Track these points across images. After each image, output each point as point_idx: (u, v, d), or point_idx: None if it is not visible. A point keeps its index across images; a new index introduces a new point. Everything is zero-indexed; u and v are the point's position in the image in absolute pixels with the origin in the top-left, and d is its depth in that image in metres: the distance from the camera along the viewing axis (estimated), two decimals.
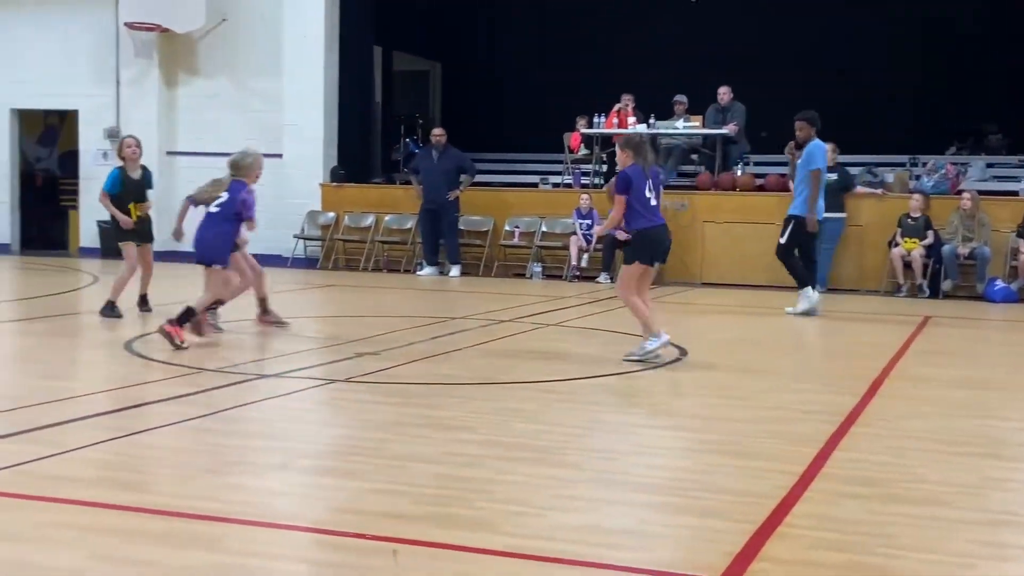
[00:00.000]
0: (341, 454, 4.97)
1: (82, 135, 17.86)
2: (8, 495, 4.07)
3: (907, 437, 5.59)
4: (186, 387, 6.39)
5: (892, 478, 4.72)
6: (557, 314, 10.90)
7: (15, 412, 5.59)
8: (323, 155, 16.62)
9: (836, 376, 7.72)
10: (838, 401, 6.38)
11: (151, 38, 16.95)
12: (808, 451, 5.09)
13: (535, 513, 4.06)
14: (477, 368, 7.58)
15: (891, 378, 7.37)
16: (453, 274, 15.10)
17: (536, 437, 5.34)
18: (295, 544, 3.78)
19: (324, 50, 16.47)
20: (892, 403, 6.53)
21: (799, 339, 10.32)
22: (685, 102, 15.63)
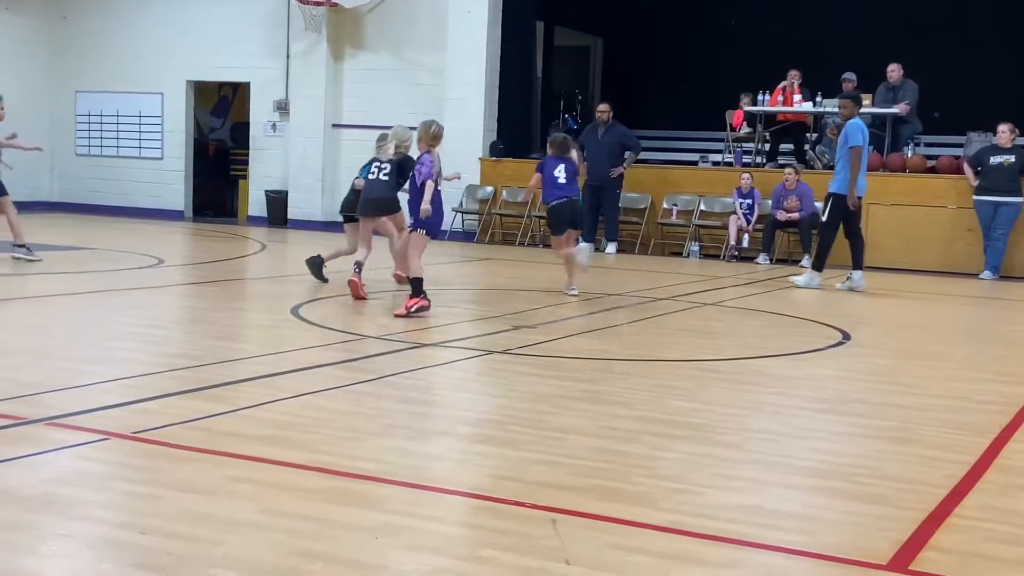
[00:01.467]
0: (501, 423, 5.03)
1: (253, 107, 18.48)
2: (188, 448, 4.26)
3: None
4: (349, 353, 6.57)
5: None
6: (714, 294, 10.76)
7: (192, 370, 5.85)
8: (483, 129, 16.77)
9: (1011, 366, 7.39)
10: (1013, 392, 6.11)
11: (320, 12, 17.38)
12: (981, 441, 4.90)
13: (695, 491, 4.02)
14: (633, 345, 7.55)
15: None
16: (609, 251, 15.04)
17: (694, 415, 5.29)
18: (455, 508, 3.84)
19: (487, 25, 16.57)
20: None
21: (971, 326, 9.93)
22: (854, 80, 15.12)
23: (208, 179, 19.67)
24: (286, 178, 18.26)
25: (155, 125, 19.23)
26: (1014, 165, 13.26)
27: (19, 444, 4.24)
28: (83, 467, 4.04)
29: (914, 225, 14.00)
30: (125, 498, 3.69)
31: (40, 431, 4.43)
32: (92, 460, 4.11)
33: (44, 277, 10.31)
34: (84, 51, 19.51)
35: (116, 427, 4.51)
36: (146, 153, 19.28)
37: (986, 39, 16.54)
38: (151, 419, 4.68)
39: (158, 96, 19.04)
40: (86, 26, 19.47)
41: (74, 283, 9.91)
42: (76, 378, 5.55)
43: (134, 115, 19.24)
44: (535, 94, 18.23)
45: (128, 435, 4.40)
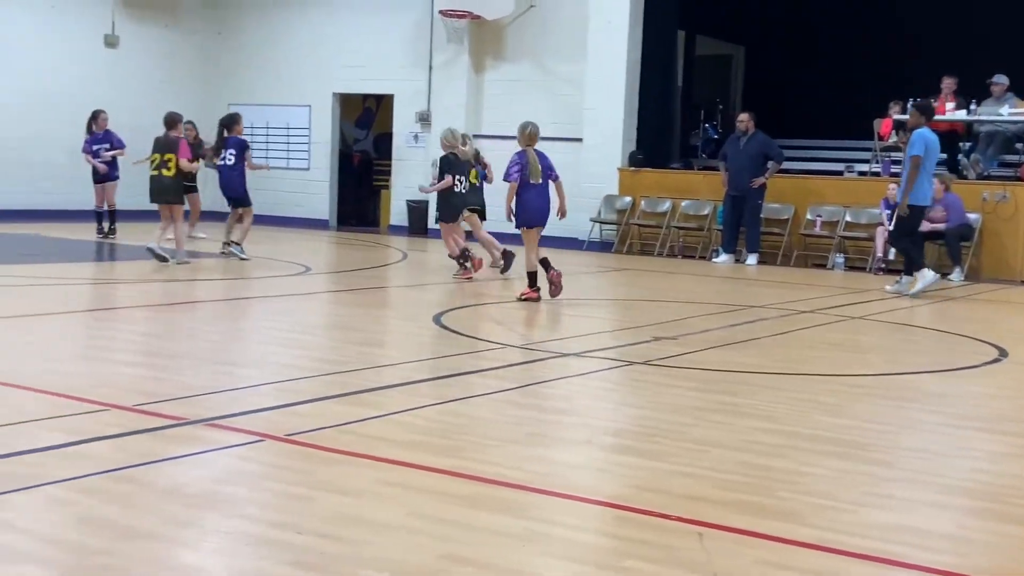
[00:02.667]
0: (642, 434, 5.02)
1: (396, 118, 18.87)
2: (338, 451, 4.38)
3: None
4: (492, 361, 6.65)
5: None
6: (861, 307, 10.50)
7: (340, 375, 6.01)
8: (622, 139, 16.75)
9: None
10: None
11: (462, 25, 17.65)
12: None
13: (845, 508, 3.94)
14: (777, 358, 7.43)
15: None
16: (750, 262, 14.82)
17: (842, 431, 5.18)
18: (598, 517, 3.85)
19: (628, 35, 16.56)
20: None
21: None
22: (1005, 83, 14.54)
23: (352, 189, 20.16)
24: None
25: (302, 137, 19.82)
26: None
27: (182, 443, 4.43)
28: (241, 467, 4.20)
29: None
30: (280, 498, 3.82)
31: (201, 431, 4.62)
32: (249, 460, 4.27)
33: (199, 284, 10.74)
34: (237, 66, 20.26)
35: (270, 429, 4.67)
36: (294, 164, 19.89)
37: None
38: (303, 422, 4.83)
39: (306, 108, 19.62)
40: (239, 42, 20.22)
41: (225, 290, 10.29)
42: (232, 381, 5.77)
43: (283, 127, 19.87)
44: (675, 104, 18.12)
45: (282, 437, 4.55)
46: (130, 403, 5.02)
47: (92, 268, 11.69)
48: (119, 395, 5.17)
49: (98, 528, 3.38)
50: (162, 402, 5.08)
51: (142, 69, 19.32)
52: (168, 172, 11.74)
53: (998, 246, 13.99)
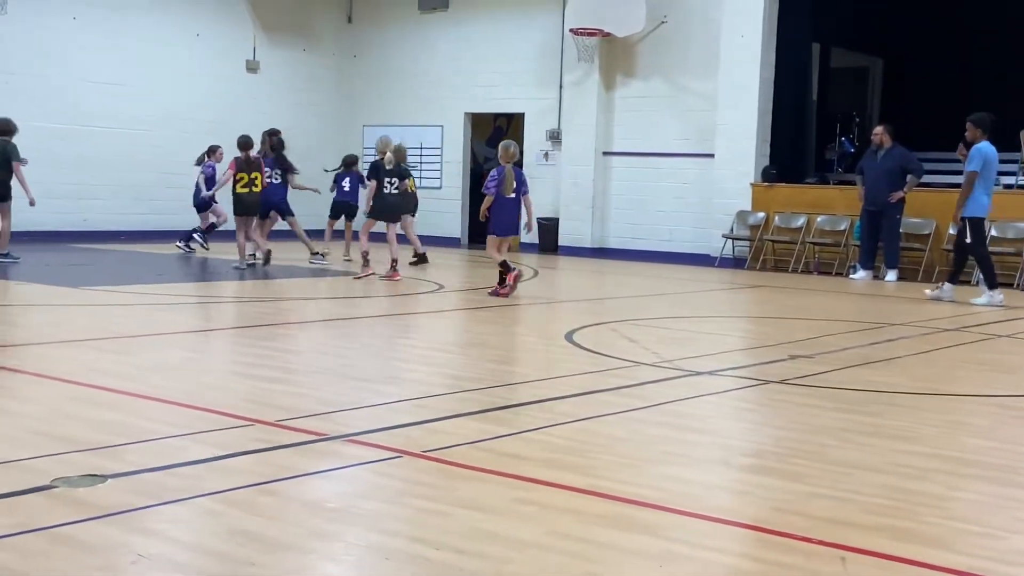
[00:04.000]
0: (781, 455, 4.92)
1: (526, 136, 19.00)
2: (474, 468, 4.42)
3: None
4: (624, 380, 6.62)
5: None
6: (1009, 324, 10.11)
7: (475, 392, 6.07)
8: (755, 154, 16.51)
9: None
10: None
11: (593, 43, 17.68)
12: None
13: (996, 535, 3.79)
14: (920, 377, 7.20)
15: None
16: (889, 279, 14.40)
17: (990, 454, 4.99)
18: (738, 539, 3.79)
19: (761, 48, 16.34)
20: None
21: None
22: None
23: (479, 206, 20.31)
24: (557, 205, 18.63)
25: (435, 156, 20.12)
26: None
27: (323, 458, 4.54)
28: (379, 482, 4.27)
29: None
30: (418, 513, 3.87)
31: (341, 447, 4.72)
32: (387, 476, 4.34)
33: (331, 301, 10.99)
34: (371, 87, 20.72)
35: (408, 445, 4.74)
36: (426, 183, 20.19)
37: None
38: (439, 438, 4.89)
39: (438, 128, 19.92)
40: (373, 64, 20.67)
41: (360, 307, 10.49)
42: (370, 397, 5.87)
43: (415, 147, 20.19)
44: (810, 117, 17.79)
45: (419, 453, 4.62)
46: (273, 418, 5.16)
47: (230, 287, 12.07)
48: (263, 411, 5.33)
49: (245, 540, 3.48)
50: (303, 417, 5.21)
51: (281, 92, 19.93)
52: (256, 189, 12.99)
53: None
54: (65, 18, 17.07)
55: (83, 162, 17.24)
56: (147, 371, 6.54)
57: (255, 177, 12.93)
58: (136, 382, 6.07)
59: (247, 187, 12.86)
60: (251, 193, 12.94)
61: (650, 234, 17.74)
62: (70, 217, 17.16)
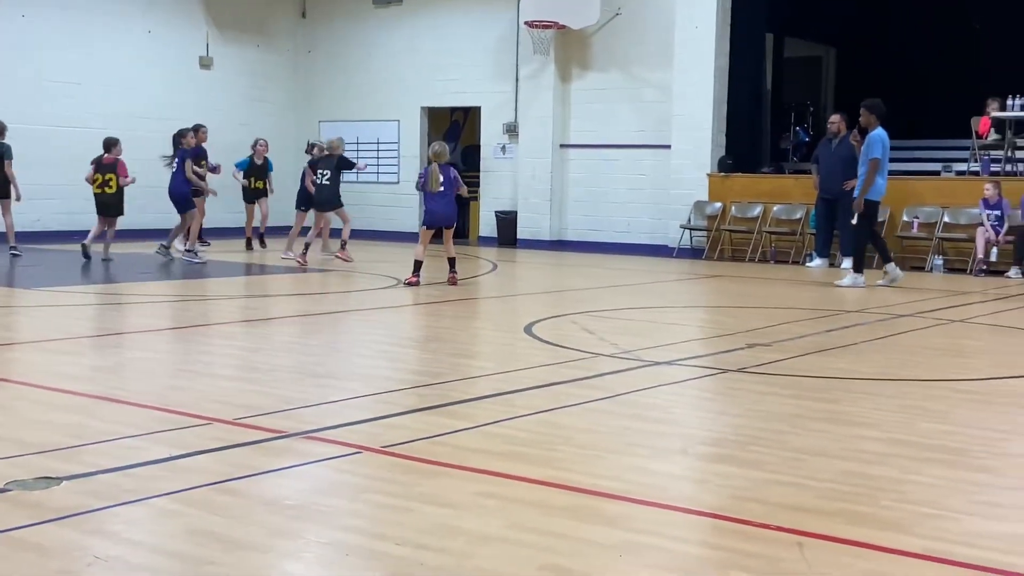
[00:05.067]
0: (740, 443, 4.95)
1: (483, 130, 18.98)
2: (435, 463, 4.41)
3: None
4: (584, 371, 6.63)
5: None
6: (962, 310, 10.24)
7: (434, 387, 6.06)
8: (711, 145, 16.61)
9: None
10: None
11: (548, 35, 17.69)
12: None
13: (952, 517, 3.84)
14: (876, 363, 7.27)
15: None
16: (846, 266, 14.50)
17: (946, 438, 5.05)
18: (698, 528, 3.81)
19: (715, 39, 16.43)
20: None
21: None
22: None
23: None
24: (515, 199, 18.63)
25: (392, 151, 20.06)
26: None
27: (282, 456, 4.51)
28: (339, 479, 4.25)
29: None
30: (379, 510, 3.85)
31: (300, 444, 4.69)
32: (347, 472, 4.32)
33: (291, 298, 10.92)
34: (327, 83, 20.60)
35: (368, 441, 4.72)
36: (383, 178, 20.14)
37: None
38: (399, 434, 4.87)
39: (395, 123, 19.86)
40: (328, 59, 20.56)
41: (319, 303, 10.44)
42: (330, 394, 5.84)
43: (372, 142, 20.14)
44: (765, 107, 17.92)
45: (379, 449, 4.60)
46: (231, 417, 5.12)
47: (191, 285, 11.97)
48: (221, 409, 5.29)
49: (204, 539, 3.45)
50: (262, 415, 5.18)
51: (235, 89, 19.78)
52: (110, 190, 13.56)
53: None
54: (14, 16, 16.83)
55: (35, 162, 16.98)
56: (102, 372, 6.47)
57: (109, 178, 13.48)
58: (91, 383, 6.00)
59: (101, 188, 13.50)
60: (104, 194, 13.53)
61: (608, 226, 17.80)
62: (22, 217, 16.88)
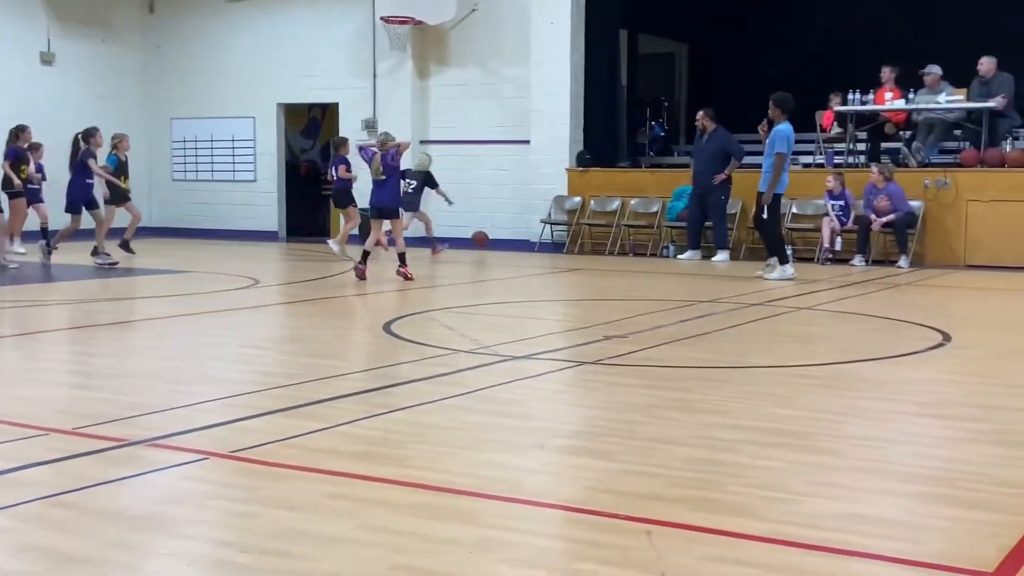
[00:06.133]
0: (594, 435, 5.00)
1: (342, 127, 18.75)
2: (285, 466, 4.32)
3: None
4: (441, 368, 6.60)
5: None
6: (809, 297, 10.58)
7: (288, 388, 5.94)
8: (569, 140, 16.76)
9: None
10: None
11: (405, 31, 17.57)
12: None
13: (795, 499, 3.95)
14: (727, 352, 7.45)
15: None
16: (719, 259, 14.76)
17: (791, 422, 5.20)
18: (551, 521, 3.83)
19: (570, 35, 16.58)
20: None
21: None
22: (938, 72, 14.71)
23: (300, 199, 20.00)
24: None
25: (248, 149, 19.65)
26: None
27: (124, 465, 4.35)
28: (184, 487, 4.12)
29: (1016, 221, 13.61)
30: (225, 516, 3.75)
31: (143, 452, 4.54)
32: (193, 479, 4.20)
33: (144, 301, 10.60)
34: (178, 79, 20.05)
35: (215, 446, 4.60)
36: (240, 176, 19.72)
37: None
38: (249, 438, 4.76)
39: (250, 120, 19.46)
40: (179, 55, 20.01)
41: (173, 306, 10.15)
42: (177, 399, 5.67)
43: (227, 139, 19.69)
44: (621, 103, 18.17)
45: (227, 454, 4.48)
46: (70, 426, 4.92)
47: (34, 289, 11.50)
48: (60, 418, 5.08)
49: (36, 555, 3.30)
50: (104, 424, 4.99)
51: (81, 86, 19.05)
52: None
53: (941, 232, 14.17)
54: None
55: None
56: None
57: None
58: None
59: None
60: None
61: (470, 221, 17.78)
62: None
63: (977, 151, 14.30)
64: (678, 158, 18.83)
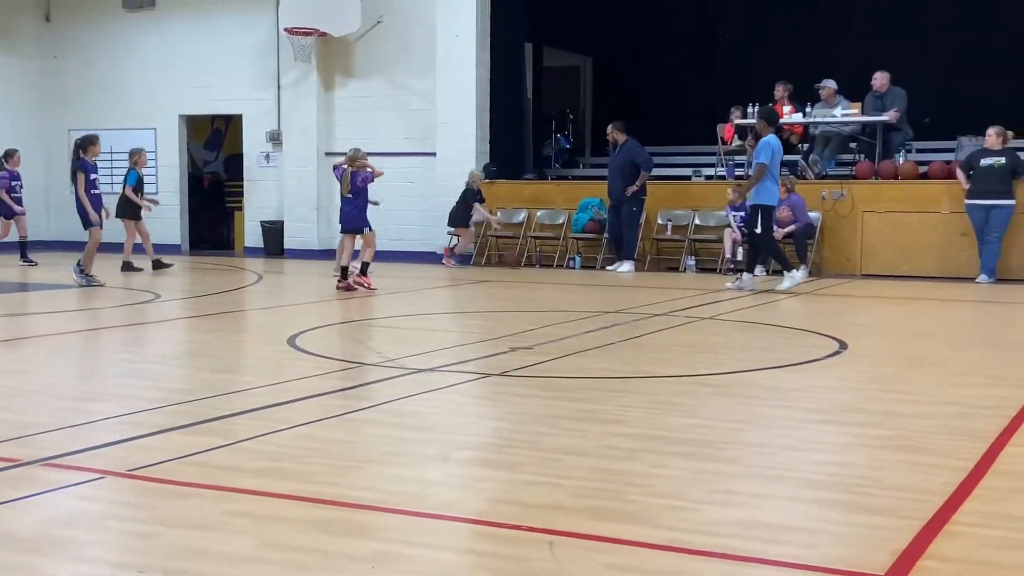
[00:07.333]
0: (498, 446, 5.02)
1: (246, 139, 18.55)
2: (184, 484, 4.25)
3: None
4: (347, 381, 6.57)
5: None
6: (711, 307, 10.76)
7: (188, 404, 5.84)
8: (476, 152, 16.82)
9: (1007, 369, 7.39)
10: (1010, 395, 6.10)
11: (309, 42, 17.46)
12: (978, 447, 4.89)
13: (693, 507, 4.01)
14: (631, 362, 7.55)
15: None
16: (624, 269, 14.96)
17: (692, 431, 5.28)
18: (454, 534, 3.83)
19: (476, 48, 16.66)
20: None
21: (968, 331, 9.93)
22: (833, 86, 15.15)
23: (204, 212, 19.72)
24: (281, 208, 18.30)
25: (149, 160, 19.26)
26: (1004, 167, 13.32)
27: (16, 486, 4.23)
28: (80, 507, 4.03)
29: (909, 231, 14.05)
30: (122, 537, 3.68)
31: (37, 472, 4.42)
32: (88, 500, 4.10)
33: (41, 316, 10.32)
34: (76, 90, 19.62)
35: (112, 465, 4.50)
36: None
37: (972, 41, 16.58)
38: (148, 456, 4.67)
39: (151, 132, 19.11)
40: (77, 65, 19.58)
41: (71, 321, 9.91)
42: (74, 417, 5.54)
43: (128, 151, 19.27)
44: (526, 115, 18.31)
45: (124, 473, 4.39)
46: None
47: None
48: None
49: None
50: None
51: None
52: None
53: (838, 242, 14.56)
54: None
55: None
56: None
57: None
58: None
59: None
60: None
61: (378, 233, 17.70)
62: None
63: (872, 163, 14.73)
64: (584, 170, 19.04)
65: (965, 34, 16.67)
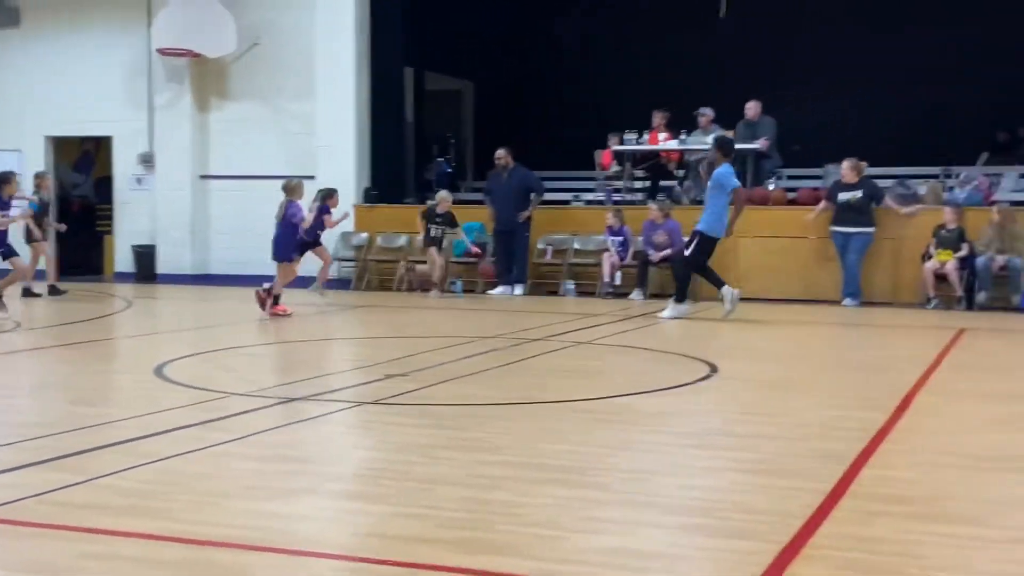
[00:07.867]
0: (368, 477, 4.96)
1: (116, 161, 18.07)
2: (38, 525, 4.08)
3: (939, 453, 5.50)
4: (215, 412, 6.40)
5: (923, 496, 4.65)
6: (589, 332, 10.86)
7: (44, 439, 5.62)
8: (355, 176, 16.70)
9: (868, 391, 7.62)
10: (869, 417, 6.29)
11: (183, 63, 17.14)
12: (837, 468, 5.02)
13: (562, 536, 4.02)
14: (507, 388, 7.55)
15: (924, 392, 7.28)
16: (516, 293, 14.98)
17: (564, 457, 5.30)
18: (319, 571, 3.76)
19: (355, 72, 16.58)
20: (924, 419, 6.45)
21: (833, 353, 10.22)
22: (710, 114, 15.53)
23: (72, 236, 19.09)
24: (154, 232, 17.86)
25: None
26: (861, 200, 13.83)
27: None
28: None
29: (778, 256, 14.42)
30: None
31: None
32: None
33: None
34: None
35: None
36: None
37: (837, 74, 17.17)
38: (1, 494, 4.47)
39: (16, 154, 18.45)
40: None
41: None
42: None
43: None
44: (408, 139, 18.26)
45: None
46: None
47: None
48: None
49: None
50: None
51: None
52: None
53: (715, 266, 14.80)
54: None
55: None
56: None
57: None
58: None
59: None
60: None
61: (254, 258, 17.37)
62: None
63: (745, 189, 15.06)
64: (465, 194, 19.04)
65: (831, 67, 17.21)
